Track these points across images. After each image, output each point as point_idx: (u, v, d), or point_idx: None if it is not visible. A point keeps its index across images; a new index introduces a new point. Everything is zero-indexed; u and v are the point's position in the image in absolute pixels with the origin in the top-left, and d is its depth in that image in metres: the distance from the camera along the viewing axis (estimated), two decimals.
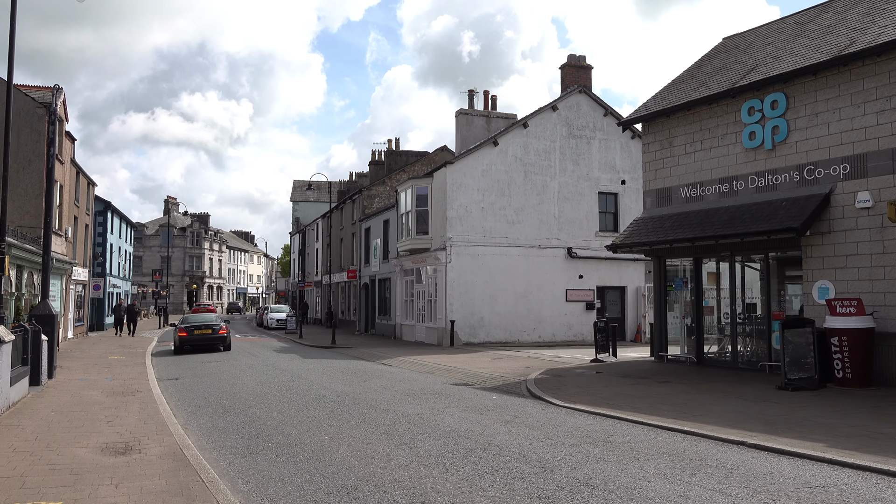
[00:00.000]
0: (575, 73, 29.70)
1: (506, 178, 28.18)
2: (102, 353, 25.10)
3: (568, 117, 29.26)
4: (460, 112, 33.44)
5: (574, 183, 29.18)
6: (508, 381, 15.67)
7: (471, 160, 27.78)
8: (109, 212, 45.64)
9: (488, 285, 27.55)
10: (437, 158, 42.34)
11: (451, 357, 22.13)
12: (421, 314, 30.02)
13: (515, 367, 18.52)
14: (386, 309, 36.19)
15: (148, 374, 17.75)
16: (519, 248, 28.11)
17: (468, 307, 27.22)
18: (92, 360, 21.78)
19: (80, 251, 34.84)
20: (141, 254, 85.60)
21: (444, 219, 27.48)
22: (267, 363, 20.78)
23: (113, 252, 47.68)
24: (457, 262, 27.16)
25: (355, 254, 42.81)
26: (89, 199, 37.38)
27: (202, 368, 19.44)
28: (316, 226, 56.33)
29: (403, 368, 19.08)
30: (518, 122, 29.02)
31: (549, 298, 28.44)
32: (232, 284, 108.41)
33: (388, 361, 21.20)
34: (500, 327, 27.67)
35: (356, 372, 18.06)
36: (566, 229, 28.90)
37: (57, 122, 28.96)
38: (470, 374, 17.19)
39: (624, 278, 29.71)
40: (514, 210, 28.19)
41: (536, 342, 27.91)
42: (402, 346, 28.08)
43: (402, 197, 30.94)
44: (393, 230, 34.53)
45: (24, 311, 21.30)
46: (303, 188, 76.76)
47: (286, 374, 17.69)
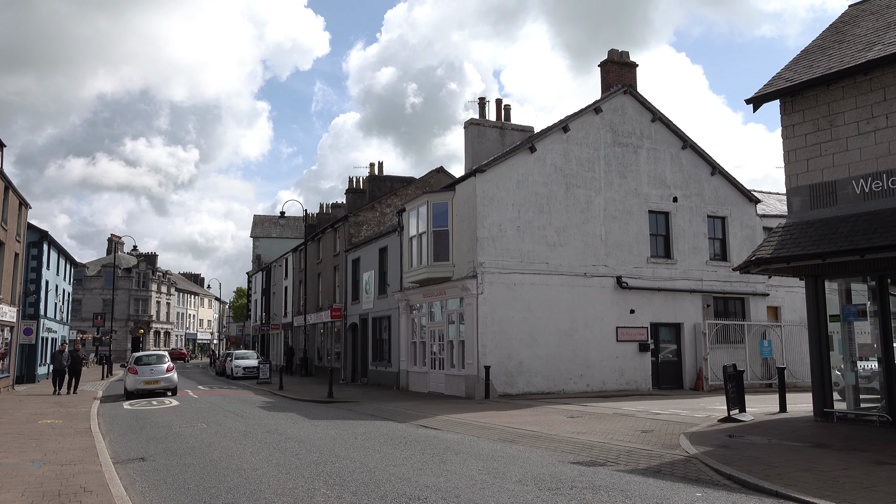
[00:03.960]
0: (618, 72, 25.21)
1: (545, 192, 23.22)
2: (31, 413, 18.86)
3: (612, 122, 24.63)
4: (471, 123, 28.62)
5: (621, 199, 24.41)
6: (654, 456, 10.41)
7: (504, 169, 22.77)
8: (46, 243, 38.98)
9: (527, 322, 22.31)
10: (432, 181, 37.35)
11: (502, 415, 16.74)
12: (438, 359, 24.49)
13: (625, 431, 13.28)
14: (382, 353, 30.47)
15: (98, 451, 11.85)
16: (561, 276, 23.03)
17: (504, 349, 21.88)
18: (15, 427, 15.63)
19: (7, 285, 28.29)
20: (80, 296, 77.63)
21: (472, 240, 22.26)
22: (266, 428, 14.99)
23: (49, 291, 40.79)
24: (490, 294, 21.89)
25: (339, 290, 37.07)
26: (21, 224, 30.94)
27: (178, 439, 13.57)
28: (284, 261, 50.35)
29: (463, 434, 13.61)
30: (557, 124, 24.22)
31: (598, 338, 23.32)
32: (181, 330, 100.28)
33: (426, 423, 15.68)
34: (541, 374, 22.36)
35: (406, 443, 12.50)
36: (614, 254, 24.01)
37: None
38: (575, 444, 11.86)
39: (679, 314, 24.85)
40: (555, 230, 23.19)
41: (585, 392, 22.66)
42: (417, 399, 22.46)
43: (410, 218, 25.65)
44: (393, 259, 29.10)
45: None
46: (264, 223, 70.68)
47: (308, 448, 12.00)
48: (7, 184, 27.02)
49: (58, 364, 26.21)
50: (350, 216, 36.16)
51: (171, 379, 26.01)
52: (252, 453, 11.49)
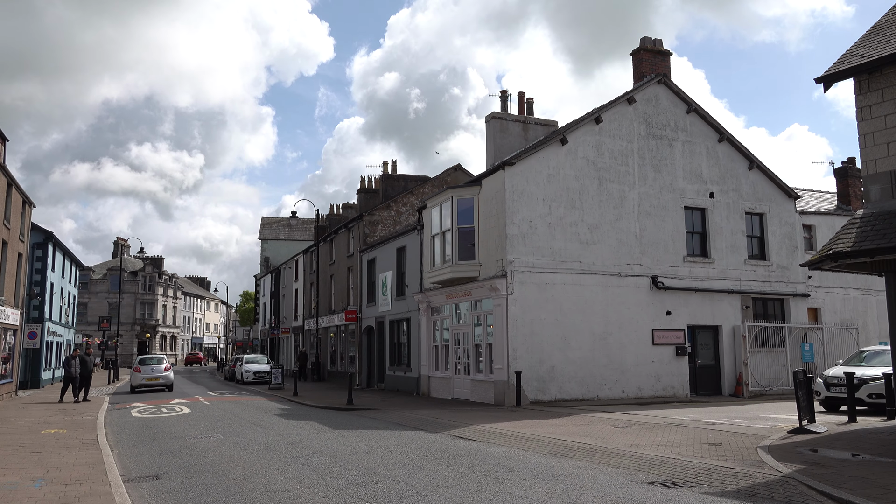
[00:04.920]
0: (651, 61, 23.93)
1: (576, 186, 21.93)
2: (34, 422, 17.65)
3: (646, 113, 23.35)
4: (492, 116, 27.38)
5: (656, 194, 23.10)
6: (741, 475, 9.10)
7: (534, 162, 21.49)
8: (51, 244, 37.89)
9: (559, 324, 21.00)
10: (449, 179, 36.08)
11: (542, 425, 15.46)
12: (464, 364, 23.19)
13: (688, 444, 11.97)
14: (401, 358, 29.19)
15: (106, 467, 10.60)
16: (595, 275, 21.72)
17: (535, 353, 20.57)
18: (15, 438, 14.41)
19: (10, 286, 27.12)
20: (86, 300, 76.56)
21: (500, 237, 20.98)
22: (288, 440, 13.71)
23: (54, 293, 39.65)
24: (520, 294, 20.59)
25: (353, 292, 35.80)
26: (24, 223, 29.77)
27: (193, 452, 12.30)
28: (295, 263, 49.13)
29: (507, 446, 12.32)
30: (589, 115, 22.94)
31: (633, 341, 22.00)
32: (187, 334, 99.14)
33: (461, 433, 14.40)
34: (575, 379, 21.04)
35: (449, 457, 11.22)
36: (649, 252, 22.69)
37: None
38: (640, 460, 10.57)
39: (717, 315, 23.51)
40: (588, 227, 21.89)
41: (620, 399, 21.34)
42: (443, 406, 21.17)
43: (432, 215, 24.38)
44: (412, 259, 27.84)
45: None
46: (272, 225, 69.52)
47: (341, 465, 10.72)
48: (10, 180, 25.86)
49: (69, 371, 24.68)
50: (365, 215, 34.91)
51: (168, 377, 32.21)
52: (279, 470, 10.21)
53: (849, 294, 27.60)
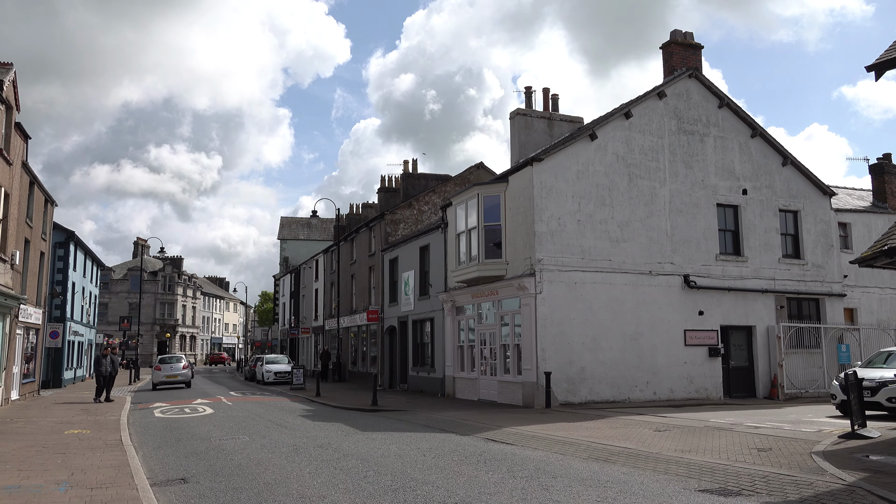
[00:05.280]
0: (682, 54, 23.34)
1: (606, 183, 21.40)
2: (57, 422, 17.41)
3: (677, 107, 22.76)
4: (517, 113, 26.90)
5: (688, 191, 22.51)
6: (802, 483, 8.57)
7: (562, 157, 20.98)
8: (72, 244, 37.91)
9: (589, 324, 20.48)
10: (471, 177, 35.62)
11: (576, 427, 14.96)
12: (490, 365, 22.71)
13: (736, 449, 11.43)
14: (424, 358, 28.77)
15: (132, 470, 10.26)
16: (625, 274, 21.17)
17: (565, 354, 20.05)
18: (39, 438, 14.14)
19: (32, 285, 27.02)
20: (107, 300, 76.87)
21: (528, 235, 20.49)
22: (317, 442, 13.31)
23: (75, 293, 39.66)
24: (549, 293, 20.09)
25: (374, 291, 35.45)
26: (46, 222, 29.69)
27: (221, 454, 11.93)
28: (314, 263, 48.89)
29: (544, 450, 11.84)
30: (618, 110, 22.40)
31: (664, 342, 21.42)
32: (206, 334, 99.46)
33: (493, 436, 13.93)
34: (605, 381, 20.50)
35: (486, 462, 10.76)
36: (681, 251, 22.10)
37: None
38: (688, 466, 10.06)
39: (751, 315, 22.86)
40: (618, 224, 21.35)
41: (652, 401, 20.77)
42: (469, 407, 20.72)
43: (457, 213, 23.94)
44: (436, 258, 27.41)
45: None
46: (291, 225, 69.41)
47: (375, 469, 10.30)
48: (32, 179, 25.75)
49: (100, 371, 24.39)
50: (386, 214, 34.53)
51: (187, 374, 34.85)
52: (311, 474, 9.81)
53: (885, 294, 26.80)
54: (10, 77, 21.52)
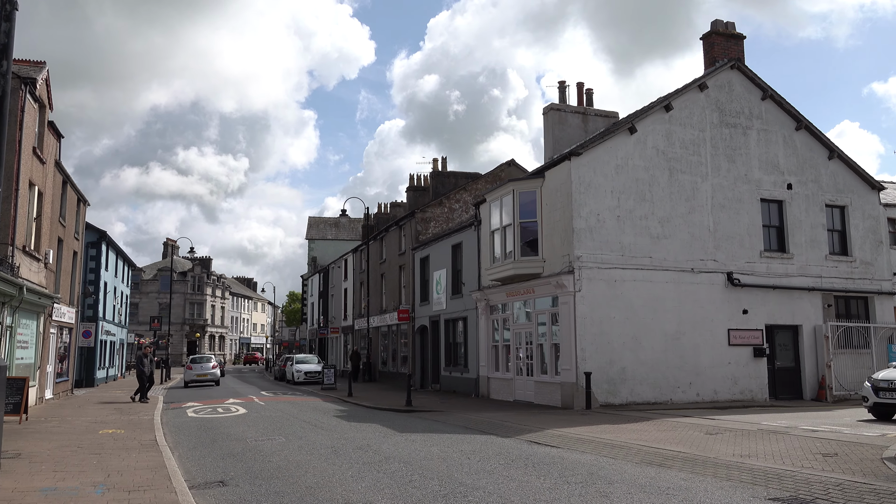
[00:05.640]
0: (723, 44, 22.62)
1: (646, 177, 20.78)
2: (90, 421, 17.24)
3: (718, 100, 22.06)
4: (551, 108, 26.42)
5: (730, 186, 21.79)
6: (882, 493, 7.96)
7: (601, 152, 20.41)
8: (104, 244, 38.06)
9: (630, 323, 19.87)
10: (503, 175, 35.13)
11: (622, 430, 14.41)
12: (526, 365, 22.18)
13: (798, 454, 10.81)
14: (457, 358, 28.32)
15: (169, 472, 9.93)
16: (666, 271, 20.53)
17: (605, 354, 19.47)
18: (73, 438, 13.92)
19: (65, 284, 27.05)
20: (137, 300, 77.58)
21: (566, 232, 19.95)
22: (355, 443, 12.92)
23: (107, 293, 39.85)
24: (588, 291, 19.52)
25: (405, 290, 35.09)
26: (79, 221, 29.76)
27: (258, 456, 11.58)
28: (343, 262, 48.70)
29: (592, 453, 11.32)
30: (658, 102, 21.76)
31: (707, 341, 20.74)
32: (235, 334, 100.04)
33: (536, 438, 13.44)
34: (647, 382, 19.88)
35: (534, 465, 10.28)
36: (724, 247, 21.39)
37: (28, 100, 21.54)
38: (751, 472, 9.49)
39: (797, 314, 22.07)
40: (659, 220, 20.71)
41: (695, 402, 20.10)
42: (506, 408, 20.22)
43: (491, 210, 23.46)
44: (468, 256, 26.95)
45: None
46: (319, 225, 69.42)
47: (420, 473, 9.87)
48: (65, 178, 25.76)
49: (142, 371, 24.27)
50: (417, 213, 34.15)
51: (216, 373, 37.09)
52: (354, 478, 9.40)
53: None
54: (43, 75, 21.48)
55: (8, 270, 17.41)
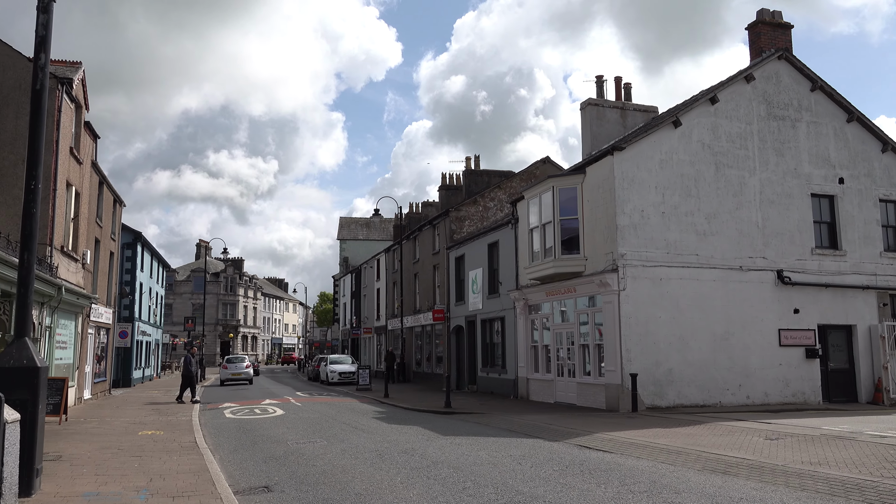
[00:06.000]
0: (770, 34, 21.82)
1: (691, 172, 20.10)
2: (129, 422, 17.10)
3: (766, 91, 21.28)
4: (588, 103, 25.81)
5: (779, 181, 21.01)
6: None
7: (645, 146, 19.78)
8: (139, 244, 38.31)
9: (676, 323, 19.22)
10: (538, 172, 34.55)
11: (674, 434, 13.80)
12: (567, 366, 21.62)
13: (872, 462, 10.16)
14: (494, 359, 27.84)
15: (212, 476, 9.63)
16: (713, 269, 19.83)
17: (651, 355, 18.85)
18: (113, 440, 13.73)
19: (102, 285, 27.13)
20: (171, 301, 78.30)
21: (609, 229, 19.36)
22: (400, 447, 12.52)
23: (143, 293, 40.09)
24: (633, 290, 18.92)
25: (439, 290, 34.70)
26: (115, 222, 29.87)
27: (301, 460, 11.23)
28: (376, 262, 48.49)
29: (648, 459, 10.79)
30: (703, 95, 21.06)
31: (757, 342, 19.99)
32: (267, 334, 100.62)
33: (585, 442, 12.93)
34: (694, 384, 19.20)
35: (590, 472, 9.78)
36: (773, 244, 20.62)
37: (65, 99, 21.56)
38: (827, 482, 8.89)
39: (851, 314, 21.19)
40: (705, 216, 20.02)
41: (745, 405, 19.37)
42: (548, 411, 19.70)
43: (530, 207, 22.95)
44: (505, 255, 26.45)
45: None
46: (350, 226, 69.39)
47: (473, 480, 9.43)
48: (102, 178, 25.81)
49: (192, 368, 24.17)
50: (451, 211, 33.72)
51: (249, 373, 39.47)
52: (404, 485, 8.99)
53: None
54: (79, 76, 21.47)
55: (46, 271, 17.35)
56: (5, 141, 18.41)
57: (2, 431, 6.78)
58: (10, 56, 18.92)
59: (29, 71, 18.64)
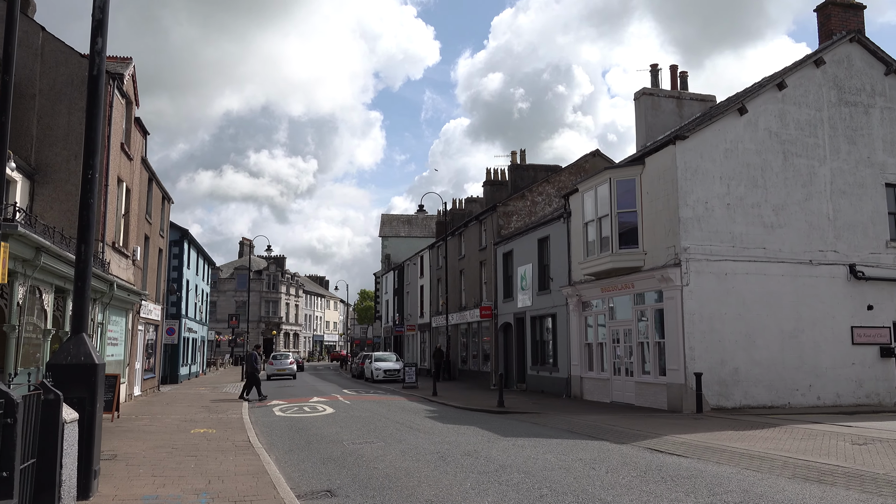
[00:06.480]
0: (841, 15, 20.70)
1: (758, 162, 19.14)
2: (181, 420, 16.89)
3: (836, 76, 20.18)
4: (643, 93, 25.04)
5: (851, 170, 19.91)
6: None
7: (709, 135, 18.89)
8: (186, 242, 38.50)
9: (742, 320, 18.31)
10: (587, 166, 33.70)
11: (748, 437, 12.98)
12: (625, 364, 20.84)
13: None
14: (545, 356, 27.14)
15: (272, 478, 9.20)
16: (782, 263, 18.86)
17: (716, 353, 17.98)
18: (166, 438, 13.46)
19: (152, 282, 27.16)
20: (215, 298, 79.08)
21: (671, 221, 18.53)
22: (461, 449, 11.96)
23: (189, 290, 40.31)
24: (696, 286, 18.06)
25: (486, 286, 34.09)
26: (164, 219, 29.93)
27: (360, 461, 10.75)
28: (419, 259, 48.08)
29: (729, 465, 10.04)
30: (770, 80, 20.07)
31: (828, 340, 18.97)
32: (308, 332, 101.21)
33: (655, 445, 12.20)
34: (762, 384, 18.27)
35: (673, 479, 9.08)
36: (845, 237, 19.55)
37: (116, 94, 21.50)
38: None
39: None
40: (772, 208, 19.05)
41: (816, 406, 18.37)
42: (606, 411, 18.95)
43: (584, 200, 22.20)
44: (556, 250, 25.72)
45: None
46: (392, 223, 69.18)
47: (550, 487, 8.82)
48: (151, 175, 25.81)
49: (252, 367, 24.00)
50: (498, 206, 33.07)
51: (293, 368, 42.75)
52: (476, 491, 8.42)
53: None
54: (130, 71, 21.40)
55: (99, 266, 17.22)
56: (58, 137, 18.36)
57: (60, 432, 6.40)
58: (62, 52, 18.88)
59: (81, 67, 18.58)
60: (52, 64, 18.72)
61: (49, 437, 6.33)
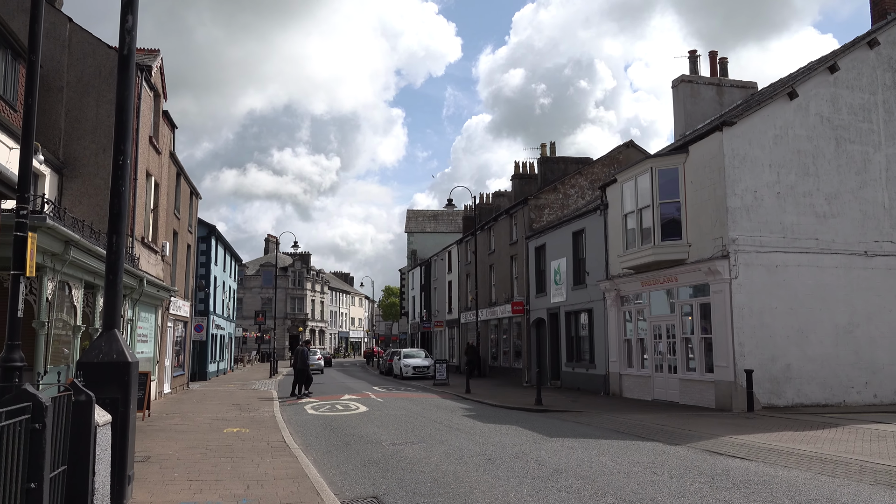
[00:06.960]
0: None
1: (809, 148, 18.25)
2: (213, 418, 16.46)
3: (891, 57, 19.20)
4: (681, 80, 24.24)
5: None
6: None
7: (757, 120, 18.03)
8: (214, 238, 38.21)
9: (794, 314, 17.45)
10: (620, 157, 32.86)
11: (811, 438, 12.22)
12: (668, 361, 20.06)
13: None
14: (580, 353, 26.38)
15: (313, 482, 8.67)
16: (835, 255, 17.97)
17: (766, 349, 17.15)
18: (199, 437, 13.00)
19: (181, 278, 26.85)
20: (241, 295, 79.14)
21: (718, 211, 17.72)
22: (508, 451, 11.33)
23: (217, 287, 40.09)
24: (745, 279, 17.24)
25: (517, 281, 33.38)
26: (192, 214, 29.63)
27: (403, 464, 10.17)
28: (447, 254, 47.46)
29: (799, 468, 9.34)
30: (821, 63, 19.15)
31: (885, 335, 18.04)
32: (334, 328, 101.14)
33: (711, 446, 11.49)
34: (815, 381, 17.41)
35: (744, 486, 8.40)
36: None
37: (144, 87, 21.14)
38: None
39: None
40: (825, 197, 18.15)
41: (873, 404, 17.48)
42: (649, 409, 18.20)
43: (623, 191, 21.42)
44: (592, 244, 24.96)
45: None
46: (418, 218, 68.65)
47: (616, 496, 8.18)
48: (179, 169, 25.47)
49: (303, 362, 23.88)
50: (530, 199, 32.33)
51: (320, 364, 44.06)
52: (534, 498, 7.80)
53: None
54: (158, 63, 21.02)
55: (129, 261, 16.84)
56: (86, 130, 18.02)
57: (93, 436, 5.89)
58: (90, 43, 18.53)
59: (108, 59, 18.20)
60: (80, 55, 18.38)
61: (81, 442, 5.82)
